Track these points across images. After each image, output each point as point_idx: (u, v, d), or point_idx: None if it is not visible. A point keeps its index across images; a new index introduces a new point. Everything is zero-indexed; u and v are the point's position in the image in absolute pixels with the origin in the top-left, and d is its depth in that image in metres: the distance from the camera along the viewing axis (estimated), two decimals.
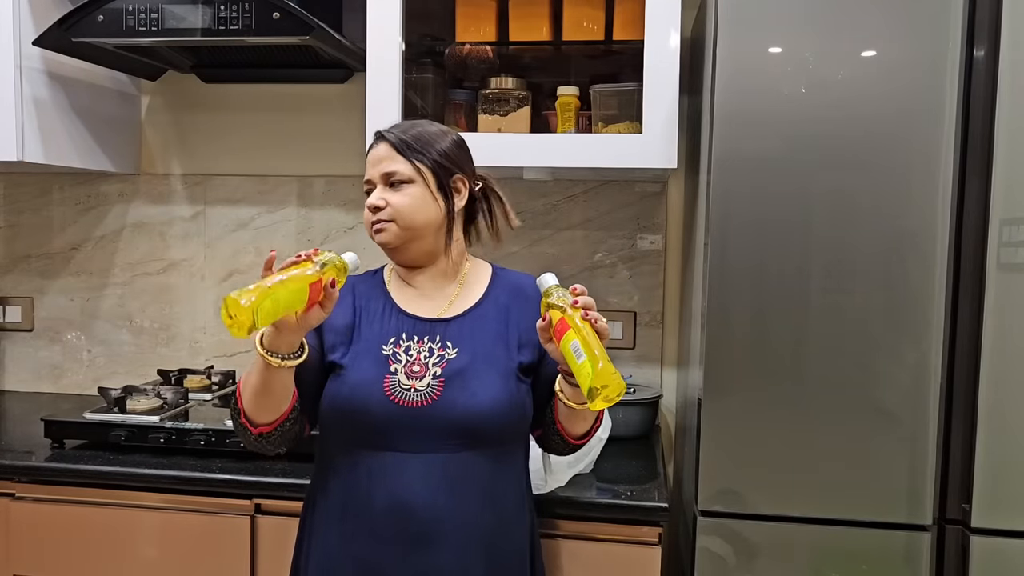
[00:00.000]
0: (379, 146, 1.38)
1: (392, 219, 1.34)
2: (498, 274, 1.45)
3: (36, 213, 2.39)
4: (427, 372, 1.31)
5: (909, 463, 1.47)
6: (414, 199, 1.35)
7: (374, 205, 1.35)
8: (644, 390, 2.07)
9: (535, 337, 1.32)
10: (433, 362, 1.33)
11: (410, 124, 1.41)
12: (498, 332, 1.37)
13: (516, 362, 1.36)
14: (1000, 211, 1.43)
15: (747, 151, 1.48)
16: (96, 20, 1.81)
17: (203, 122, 2.33)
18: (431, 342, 1.35)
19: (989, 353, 1.44)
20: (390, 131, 1.39)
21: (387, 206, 1.34)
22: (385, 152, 1.37)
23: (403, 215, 1.34)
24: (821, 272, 1.48)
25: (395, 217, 1.34)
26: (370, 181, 1.38)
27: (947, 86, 1.43)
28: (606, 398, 1.14)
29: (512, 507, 1.38)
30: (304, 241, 2.29)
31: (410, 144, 1.36)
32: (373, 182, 1.38)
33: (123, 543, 1.68)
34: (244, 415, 1.30)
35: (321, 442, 1.37)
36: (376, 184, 1.37)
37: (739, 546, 1.52)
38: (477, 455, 1.31)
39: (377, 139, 1.39)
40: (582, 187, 2.19)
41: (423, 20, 1.95)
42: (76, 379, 2.41)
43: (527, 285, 1.43)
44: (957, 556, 1.49)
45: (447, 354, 1.33)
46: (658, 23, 1.73)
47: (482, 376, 1.32)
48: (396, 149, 1.36)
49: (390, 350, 1.34)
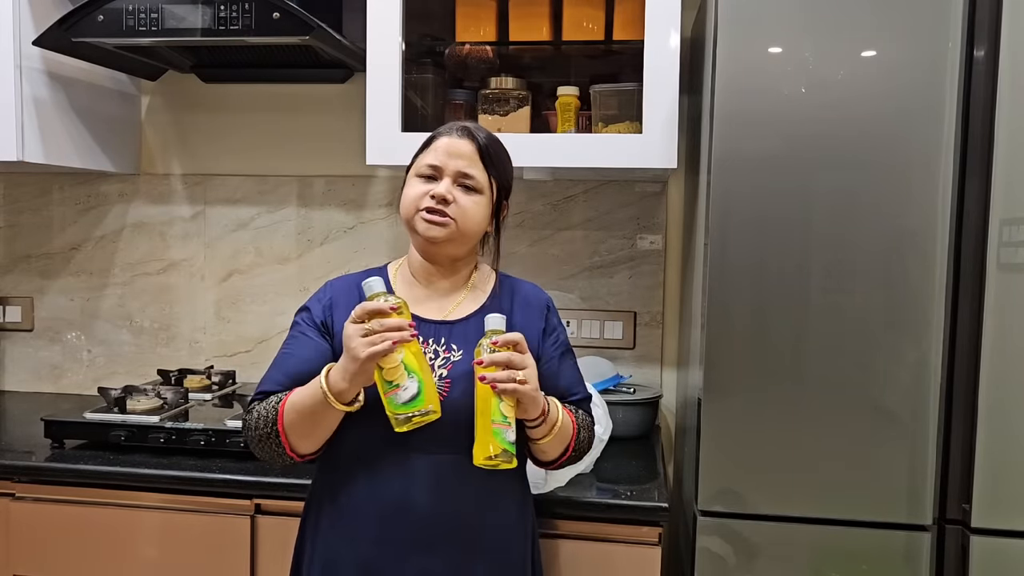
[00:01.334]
0: (462, 141, 1.34)
1: (455, 218, 1.32)
2: (503, 281, 1.45)
3: (36, 213, 2.39)
4: (433, 374, 1.31)
5: (909, 463, 1.47)
6: (479, 208, 1.34)
7: (443, 195, 1.31)
8: (644, 390, 2.07)
9: (535, 343, 1.36)
10: (439, 364, 1.32)
11: (488, 132, 1.38)
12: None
13: None
14: (1000, 211, 1.43)
15: (747, 151, 1.48)
16: (96, 20, 1.81)
17: (203, 122, 2.33)
18: (436, 344, 1.34)
19: (989, 353, 1.44)
20: (477, 131, 1.36)
21: (454, 203, 1.32)
22: (468, 150, 1.33)
23: (467, 220, 1.33)
24: (821, 272, 1.48)
25: (458, 218, 1.32)
26: (439, 168, 1.33)
27: (947, 86, 1.43)
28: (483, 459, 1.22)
29: (514, 509, 1.38)
30: (304, 241, 2.29)
31: (492, 155, 1.35)
32: (441, 171, 1.33)
33: (123, 543, 1.68)
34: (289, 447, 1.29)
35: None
36: (444, 174, 1.33)
37: (739, 546, 1.52)
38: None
39: (462, 133, 1.35)
40: (582, 187, 2.19)
41: (423, 20, 1.95)
42: (76, 379, 2.41)
43: (530, 293, 1.45)
44: (957, 556, 1.49)
45: (452, 356, 1.33)
46: (658, 23, 1.73)
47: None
48: (480, 154, 1.34)
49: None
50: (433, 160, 1.34)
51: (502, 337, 1.24)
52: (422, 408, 1.20)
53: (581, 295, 2.20)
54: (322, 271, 2.27)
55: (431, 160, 1.34)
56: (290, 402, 1.28)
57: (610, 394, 1.96)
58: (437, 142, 1.35)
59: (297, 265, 2.30)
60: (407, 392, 1.20)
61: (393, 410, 1.21)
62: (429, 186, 1.33)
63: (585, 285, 2.20)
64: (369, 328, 1.19)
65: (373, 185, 2.26)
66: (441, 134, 1.36)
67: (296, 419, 1.27)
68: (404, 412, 1.20)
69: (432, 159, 1.34)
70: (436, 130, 1.39)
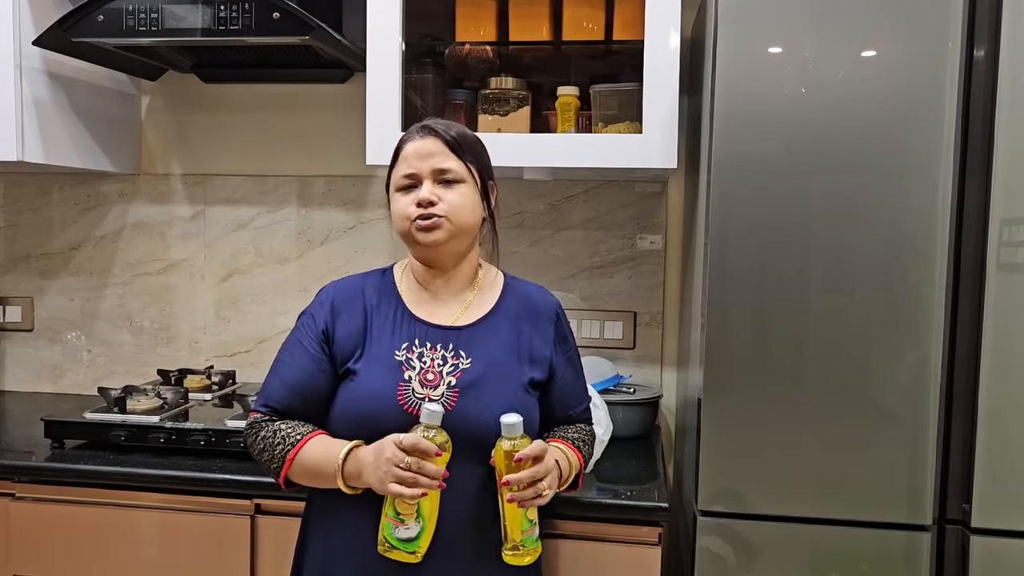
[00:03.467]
0: (426, 140, 1.33)
1: (446, 216, 1.30)
2: (509, 283, 1.44)
3: (36, 213, 2.39)
4: (441, 381, 1.30)
5: (909, 463, 1.47)
6: (466, 198, 1.32)
7: (427, 199, 1.30)
8: (644, 390, 2.07)
9: (547, 354, 1.37)
10: (447, 371, 1.31)
11: (448, 123, 1.37)
12: (510, 344, 1.36)
13: (527, 376, 1.35)
14: (1000, 211, 1.43)
15: (747, 151, 1.48)
16: (96, 20, 1.81)
17: (203, 122, 2.33)
18: (444, 350, 1.33)
19: (989, 353, 1.44)
20: (437, 126, 1.34)
21: (440, 202, 1.30)
22: (436, 147, 1.32)
23: (457, 214, 1.31)
24: (821, 272, 1.48)
25: (449, 214, 1.30)
26: (414, 175, 1.32)
27: (947, 86, 1.43)
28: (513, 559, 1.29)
29: None
30: (304, 241, 2.29)
31: (460, 143, 1.33)
32: (419, 176, 1.32)
33: (123, 543, 1.68)
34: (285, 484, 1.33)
35: None
36: (423, 179, 1.32)
37: (739, 546, 1.52)
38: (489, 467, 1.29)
39: (423, 133, 1.34)
40: (582, 187, 2.19)
41: (423, 20, 1.95)
42: (76, 379, 2.41)
43: (539, 299, 1.43)
44: (957, 556, 1.49)
45: (461, 363, 1.32)
46: (658, 23, 1.73)
47: (495, 388, 1.31)
48: (449, 146, 1.32)
49: (403, 356, 1.32)
50: (407, 169, 1.33)
51: (524, 453, 1.24)
52: (410, 550, 1.22)
53: (581, 295, 2.20)
54: (322, 271, 2.27)
55: (404, 170, 1.33)
56: (299, 458, 1.29)
57: (610, 394, 1.96)
58: (404, 151, 1.34)
59: (297, 265, 2.30)
60: (407, 532, 1.21)
61: (385, 535, 1.23)
62: (412, 195, 1.32)
63: (585, 285, 2.20)
64: (407, 463, 1.18)
65: (373, 185, 2.26)
66: (405, 142, 1.35)
67: (301, 472, 1.30)
68: (392, 543, 1.22)
69: (405, 169, 1.33)
70: (399, 139, 1.37)
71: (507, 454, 1.24)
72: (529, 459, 1.24)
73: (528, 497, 1.23)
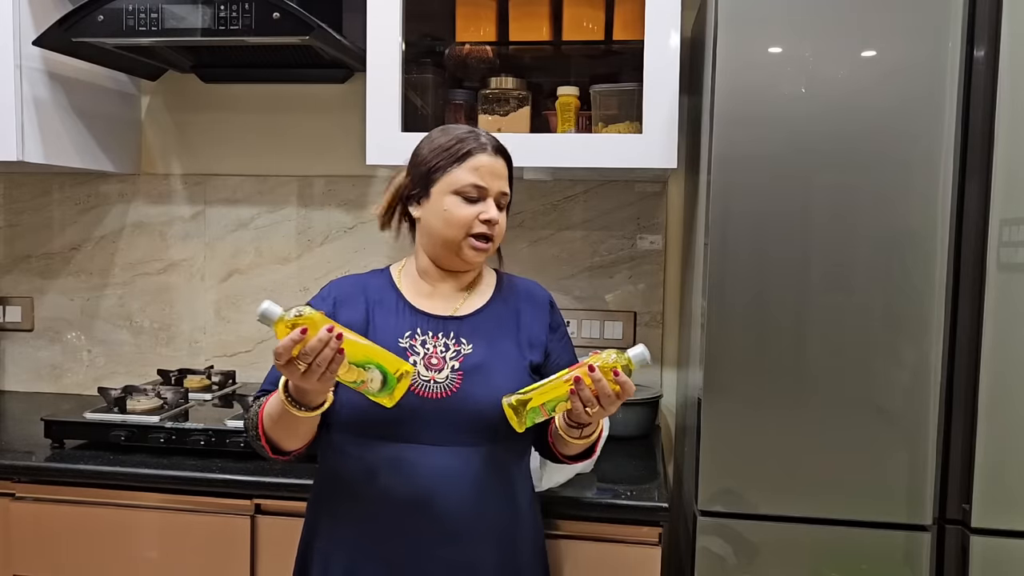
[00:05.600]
0: (497, 160, 1.35)
1: (494, 238, 1.36)
2: (503, 279, 1.47)
3: (36, 213, 2.39)
4: (445, 365, 1.32)
5: (909, 463, 1.47)
6: (505, 222, 1.39)
7: (496, 220, 1.34)
8: (644, 390, 2.07)
9: (543, 339, 1.40)
10: (450, 356, 1.34)
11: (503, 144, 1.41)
12: (509, 331, 1.39)
13: (528, 360, 1.38)
14: (1000, 211, 1.43)
15: (747, 151, 1.48)
16: (96, 20, 1.81)
17: (203, 122, 2.33)
18: (445, 338, 1.35)
19: (989, 353, 1.44)
20: (506, 148, 1.38)
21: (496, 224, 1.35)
22: (503, 170, 1.37)
23: (501, 237, 1.38)
24: (821, 272, 1.48)
25: (496, 237, 1.36)
26: (484, 191, 1.33)
27: (947, 86, 1.43)
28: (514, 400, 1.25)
29: (526, 501, 1.39)
30: (304, 241, 2.29)
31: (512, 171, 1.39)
32: (487, 193, 1.33)
33: (123, 543, 1.68)
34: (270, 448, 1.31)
35: (331, 437, 1.35)
36: (489, 195, 1.34)
37: (739, 546, 1.52)
38: (495, 448, 1.32)
39: (496, 152, 1.35)
40: (582, 187, 2.19)
41: (423, 20, 1.95)
42: (76, 379, 2.41)
43: (533, 290, 1.47)
44: (957, 556, 1.49)
45: (463, 349, 1.35)
46: (658, 23, 1.73)
47: (499, 370, 1.33)
48: (510, 173, 1.38)
49: (407, 343, 1.34)
50: (479, 181, 1.33)
51: (625, 380, 1.23)
52: (395, 381, 1.19)
53: (581, 295, 2.20)
54: (322, 271, 2.27)
55: (475, 180, 1.32)
56: (266, 409, 1.30)
57: None
58: (477, 160, 1.33)
59: (297, 265, 2.30)
60: (375, 382, 1.20)
61: (374, 398, 1.21)
62: (476, 208, 1.33)
63: (585, 285, 2.20)
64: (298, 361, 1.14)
65: (373, 185, 2.26)
66: (476, 151, 1.33)
67: (272, 424, 1.29)
68: (384, 394, 1.20)
69: (476, 179, 1.32)
70: (461, 140, 1.34)
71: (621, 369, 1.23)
72: (619, 387, 1.23)
73: (585, 400, 1.22)
